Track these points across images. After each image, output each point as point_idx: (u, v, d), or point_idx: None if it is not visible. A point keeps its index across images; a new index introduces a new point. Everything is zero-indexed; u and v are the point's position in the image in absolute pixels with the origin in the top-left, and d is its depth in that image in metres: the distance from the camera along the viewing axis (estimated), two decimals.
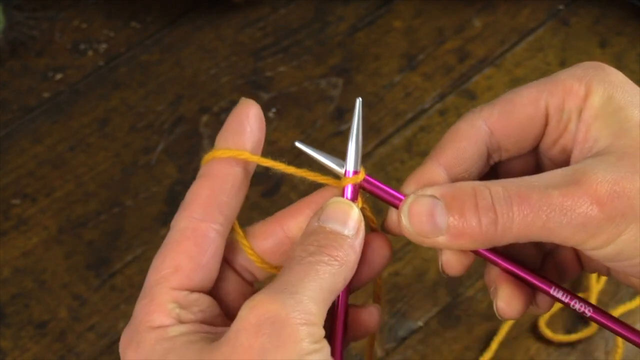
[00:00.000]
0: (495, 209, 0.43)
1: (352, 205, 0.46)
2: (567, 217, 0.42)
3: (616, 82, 0.46)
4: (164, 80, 0.89)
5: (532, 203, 0.42)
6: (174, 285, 0.45)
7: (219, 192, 0.46)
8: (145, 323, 0.44)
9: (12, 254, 0.79)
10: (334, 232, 0.45)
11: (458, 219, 0.44)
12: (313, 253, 0.43)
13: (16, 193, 0.82)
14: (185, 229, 0.46)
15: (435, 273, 0.78)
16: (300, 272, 0.42)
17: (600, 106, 0.45)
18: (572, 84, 0.46)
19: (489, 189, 0.43)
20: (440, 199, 0.44)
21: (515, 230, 0.43)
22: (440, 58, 0.90)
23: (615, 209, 0.42)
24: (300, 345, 0.40)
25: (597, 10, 0.93)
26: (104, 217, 0.81)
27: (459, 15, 0.93)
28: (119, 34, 0.92)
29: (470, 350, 0.75)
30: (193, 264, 0.46)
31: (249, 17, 0.93)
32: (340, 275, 0.44)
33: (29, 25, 0.91)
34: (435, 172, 0.47)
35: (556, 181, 0.43)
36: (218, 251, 0.47)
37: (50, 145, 0.85)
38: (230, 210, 0.47)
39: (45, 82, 0.89)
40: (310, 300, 0.41)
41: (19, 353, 0.75)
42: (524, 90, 0.47)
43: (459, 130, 0.48)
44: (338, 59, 0.90)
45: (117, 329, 0.76)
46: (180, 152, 0.85)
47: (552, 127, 0.47)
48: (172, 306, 0.45)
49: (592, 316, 0.48)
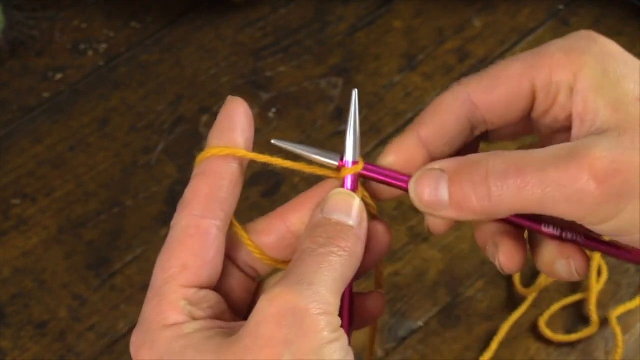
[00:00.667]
0: (489, 183, 0.43)
1: (353, 195, 0.47)
2: (564, 192, 0.42)
3: (610, 53, 0.45)
4: (164, 80, 0.89)
5: (527, 177, 0.42)
6: (183, 283, 0.45)
7: (217, 189, 0.47)
8: (158, 322, 0.45)
9: (12, 254, 0.79)
10: (339, 223, 0.45)
11: (457, 193, 0.44)
12: (323, 245, 0.44)
13: (16, 193, 0.82)
14: (187, 227, 0.46)
15: (435, 273, 0.78)
16: (313, 264, 0.43)
17: (595, 79, 0.44)
18: (559, 57, 0.46)
19: (488, 163, 0.44)
20: (446, 172, 0.45)
21: (510, 204, 0.43)
22: (440, 58, 0.90)
23: (613, 186, 0.41)
24: (321, 335, 0.41)
25: (597, 10, 0.93)
26: (104, 217, 0.81)
27: (459, 15, 0.93)
28: (119, 34, 0.92)
29: (470, 350, 0.75)
30: (200, 261, 0.46)
31: (249, 17, 0.93)
32: (350, 265, 0.44)
33: (29, 25, 0.91)
34: (413, 144, 0.48)
35: (555, 155, 0.43)
36: (221, 247, 0.47)
37: (50, 145, 0.85)
38: (229, 206, 0.47)
39: (45, 82, 0.89)
40: (327, 290, 0.42)
41: (19, 353, 0.75)
42: (510, 64, 0.47)
43: (442, 104, 0.48)
44: (338, 59, 0.90)
45: (117, 329, 0.76)
46: (180, 152, 0.85)
47: (540, 101, 0.47)
48: (183, 303, 0.45)
49: (585, 243, 0.48)
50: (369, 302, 0.50)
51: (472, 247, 0.79)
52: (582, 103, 0.45)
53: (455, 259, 0.79)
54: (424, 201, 0.46)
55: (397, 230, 0.79)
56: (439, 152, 0.48)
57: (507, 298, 0.77)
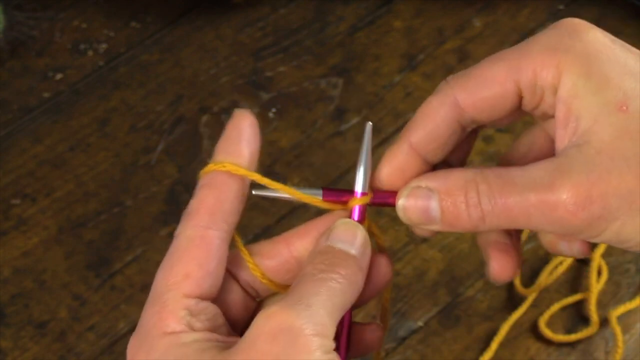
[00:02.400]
0: (481, 208, 0.44)
1: (359, 226, 0.47)
2: (546, 219, 0.43)
3: (594, 50, 0.44)
4: (164, 80, 0.89)
5: (512, 204, 0.44)
6: (185, 292, 0.46)
7: (222, 201, 0.47)
8: (157, 329, 0.45)
9: (12, 254, 0.79)
10: (342, 251, 0.46)
11: (450, 214, 0.45)
12: (324, 270, 0.44)
13: (16, 193, 0.82)
14: (193, 236, 0.46)
15: (435, 273, 0.78)
16: (313, 287, 0.44)
17: (576, 85, 0.44)
18: (543, 58, 0.45)
19: (477, 186, 0.45)
20: (434, 191, 0.46)
21: (501, 224, 0.45)
22: (440, 58, 0.90)
23: (591, 214, 0.42)
24: (313, 355, 0.41)
25: (597, 10, 0.93)
26: (104, 217, 0.81)
27: (459, 15, 0.93)
28: (119, 34, 0.92)
29: (470, 350, 0.75)
30: (202, 271, 0.46)
31: (249, 17, 0.93)
32: (348, 293, 0.45)
33: (29, 25, 0.91)
34: (405, 153, 0.48)
35: (536, 181, 0.43)
36: (223, 259, 0.47)
37: (50, 145, 0.85)
38: (233, 219, 0.47)
39: (45, 82, 0.89)
40: (324, 313, 0.43)
41: (19, 353, 0.75)
42: (494, 64, 0.47)
43: (430, 108, 0.48)
44: (338, 59, 0.90)
45: (117, 329, 0.76)
46: (180, 152, 0.85)
47: (527, 100, 0.47)
48: (184, 313, 0.45)
49: None
50: (367, 333, 0.50)
51: (472, 247, 0.79)
52: (564, 109, 0.45)
53: (455, 259, 0.79)
54: (413, 220, 0.47)
55: (397, 230, 0.79)
56: (432, 155, 0.49)
57: (507, 298, 0.77)
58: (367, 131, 0.48)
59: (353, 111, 0.87)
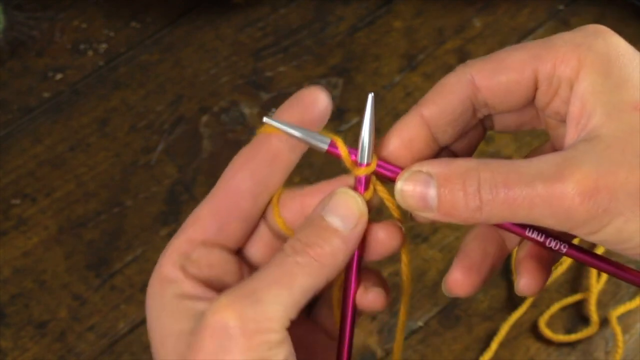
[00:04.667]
0: (480, 197, 0.44)
1: (355, 198, 0.47)
2: (551, 210, 0.43)
3: (615, 52, 0.45)
4: (164, 80, 0.89)
5: (515, 194, 0.43)
6: (189, 235, 0.48)
7: (251, 158, 0.48)
8: (157, 272, 0.48)
9: (12, 254, 0.79)
10: (328, 226, 0.46)
11: (446, 201, 0.45)
12: (297, 251, 0.45)
13: (16, 193, 0.83)
14: (216, 187, 0.49)
15: (436, 273, 0.78)
16: (274, 276, 0.44)
17: (595, 82, 0.44)
18: (565, 52, 0.45)
19: (479, 174, 0.44)
20: (434, 177, 0.45)
21: (500, 216, 0.44)
22: (440, 58, 0.90)
23: (597, 205, 0.42)
24: (247, 355, 0.43)
25: (597, 10, 0.93)
26: (104, 217, 0.81)
27: (459, 15, 0.93)
28: (119, 34, 0.92)
29: (470, 350, 0.75)
30: (211, 218, 0.48)
31: (249, 17, 0.93)
32: (320, 276, 0.45)
33: (29, 25, 0.91)
34: (416, 124, 0.48)
35: (543, 171, 0.43)
36: (242, 211, 0.48)
37: (50, 145, 0.85)
38: (263, 176, 0.48)
39: (45, 82, 0.89)
40: (275, 306, 0.43)
41: (19, 353, 0.75)
42: (516, 51, 0.47)
43: (446, 84, 0.49)
44: (338, 59, 0.90)
45: (117, 329, 0.76)
46: (180, 152, 0.85)
47: (541, 92, 0.47)
48: (177, 257, 0.47)
49: (568, 252, 0.48)
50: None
51: None
52: (579, 105, 0.45)
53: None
54: (409, 205, 0.46)
55: None
56: (442, 132, 0.48)
57: (507, 298, 0.77)
58: (370, 102, 0.47)
59: (353, 111, 0.87)
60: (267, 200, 0.49)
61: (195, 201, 0.81)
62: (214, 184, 0.49)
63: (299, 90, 0.49)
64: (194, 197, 0.82)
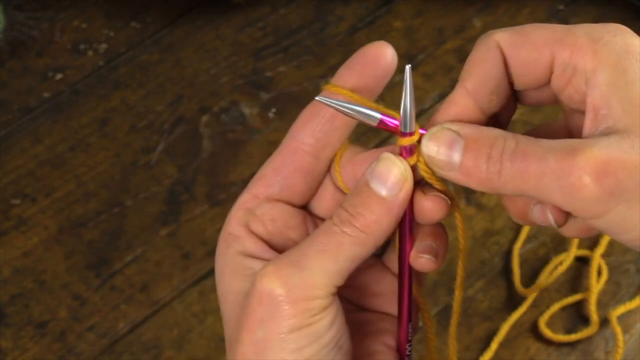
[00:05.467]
0: (502, 162, 0.44)
1: (397, 163, 0.47)
2: (559, 184, 0.43)
3: (633, 50, 0.45)
4: (164, 80, 0.89)
5: (529, 163, 0.44)
6: (254, 192, 0.50)
7: (313, 116, 0.50)
8: (223, 229, 0.50)
9: (12, 254, 0.79)
10: (372, 193, 0.46)
11: (471, 162, 0.45)
12: (342, 221, 0.46)
13: (16, 193, 0.83)
14: (280, 147, 0.51)
15: (435, 273, 0.78)
16: (320, 245, 0.46)
17: (612, 76, 0.45)
18: (583, 42, 0.46)
19: (505, 142, 0.45)
20: (463, 137, 0.46)
21: (512, 185, 0.45)
22: (440, 58, 0.90)
23: (606, 185, 0.42)
24: (289, 322, 0.45)
25: (597, 10, 0.93)
26: (104, 217, 0.81)
27: (459, 15, 0.93)
28: (119, 34, 0.92)
29: (470, 350, 0.75)
30: (274, 175, 0.50)
31: (249, 17, 0.93)
32: (365, 245, 0.46)
33: (29, 25, 0.91)
34: (462, 99, 0.49)
35: (557, 147, 0.44)
36: (305, 168, 0.50)
37: (50, 145, 0.85)
38: (323, 134, 0.50)
39: (45, 82, 0.89)
40: (320, 274, 0.45)
41: (19, 353, 0.75)
42: (540, 29, 0.48)
43: (478, 54, 0.50)
44: (338, 59, 0.90)
45: (117, 329, 0.76)
46: (180, 152, 0.85)
47: (556, 76, 0.47)
48: (242, 214, 0.50)
49: None
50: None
51: (472, 247, 0.79)
52: (598, 96, 0.45)
53: (456, 259, 0.79)
54: (433, 158, 0.46)
55: None
56: (488, 101, 0.49)
57: (507, 298, 0.77)
58: (407, 72, 0.47)
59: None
60: (330, 157, 0.51)
61: (195, 201, 0.81)
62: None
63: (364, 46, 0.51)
64: (194, 197, 0.82)
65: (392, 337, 0.52)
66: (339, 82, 0.50)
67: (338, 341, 0.47)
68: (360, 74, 0.51)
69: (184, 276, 0.78)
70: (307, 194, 0.51)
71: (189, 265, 0.79)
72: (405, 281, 0.50)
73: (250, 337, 0.46)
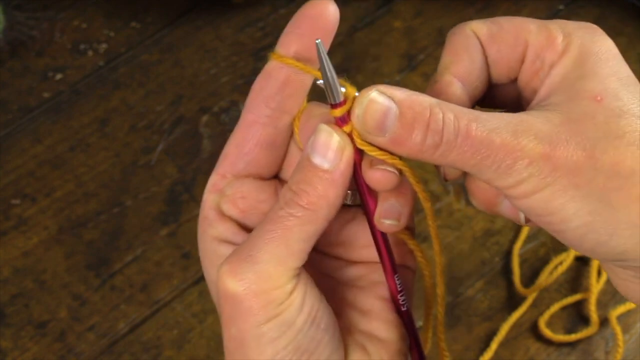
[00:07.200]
0: (442, 136, 0.44)
1: (331, 132, 0.46)
2: (496, 163, 0.43)
3: (596, 50, 0.46)
4: (164, 80, 0.89)
5: (474, 143, 0.43)
6: (220, 172, 0.50)
7: (265, 86, 0.50)
8: (200, 213, 0.50)
9: (12, 254, 0.79)
10: (315, 167, 0.46)
11: (405, 131, 0.44)
12: (287, 203, 0.45)
13: (16, 193, 0.83)
14: (238, 123, 0.51)
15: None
16: (269, 233, 0.45)
17: (567, 69, 0.46)
18: (556, 36, 0.47)
19: (443, 114, 0.44)
20: (397, 104, 0.45)
21: (450, 160, 0.44)
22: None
23: (539, 170, 0.43)
24: (255, 318, 0.44)
25: (597, 10, 0.93)
26: (104, 217, 0.81)
27: (459, 15, 0.93)
28: (119, 34, 0.92)
29: (470, 350, 0.75)
30: (237, 151, 0.50)
31: (249, 17, 0.93)
32: (315, 221, 0.45)
33: (29, 25, 0.91)
34: (452, 88, 0.48)
35: (501, 127, 0.44)
36: (266, 140, 0.49)
37: (50, 145, 0.85)
38: (277, 104, 0.49)
39: (45, 82, 0.89)
40: (274, 263, 0.45)
41: (19, 353, 0.75)
42: (515, 20, 0.49)
43: (458, 43, 0.50)
44: (338, 59, 0.90)
45: (117, 329, 0.76)
46: (180, 152, 0.85)
47: (526, 66, 0.48)
48: (213, 197, 0.50)
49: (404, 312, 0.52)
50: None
51: (472, 247, 0.79)
52: (548, 85, 0.46)
53: (455, 259, 0.79)
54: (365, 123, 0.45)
55: None
56: (474, 88, 0.49)
57: (507, 298, 0.77)
58: (320, 46, 0.47)
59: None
60: (289, 124, 0.50)
61: (195, 201, 0.81)
62: None
63: (303, 6, 0.50)
64: (194, 197, 0.82)
65: (385, 288, 0.51)
66: (283, 50, 0.50)
67: (314, 319, 0.46)
68: (300, 37, 0.50)
69: (184, 276, 0.78)
70: (274, 164, 0.51)
71: (189, 265, 0.79)
72: (378, 238, 0.49)
73: (228, 334, 0.46)
